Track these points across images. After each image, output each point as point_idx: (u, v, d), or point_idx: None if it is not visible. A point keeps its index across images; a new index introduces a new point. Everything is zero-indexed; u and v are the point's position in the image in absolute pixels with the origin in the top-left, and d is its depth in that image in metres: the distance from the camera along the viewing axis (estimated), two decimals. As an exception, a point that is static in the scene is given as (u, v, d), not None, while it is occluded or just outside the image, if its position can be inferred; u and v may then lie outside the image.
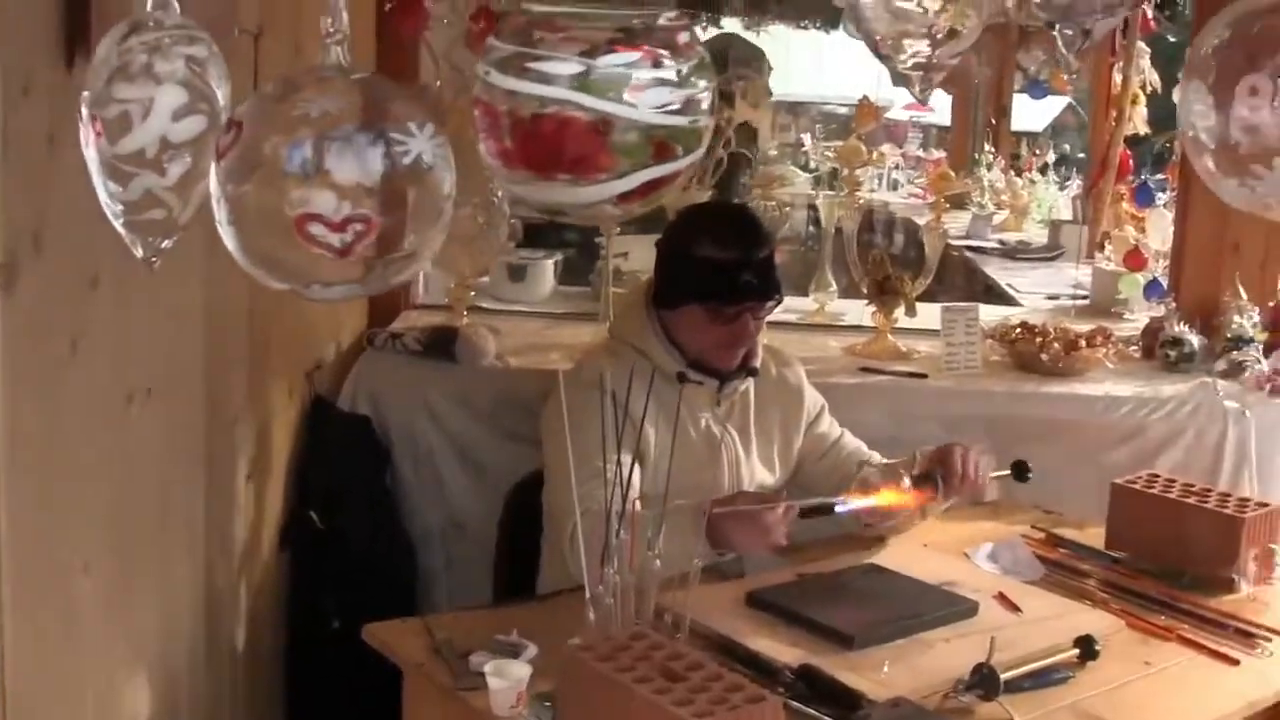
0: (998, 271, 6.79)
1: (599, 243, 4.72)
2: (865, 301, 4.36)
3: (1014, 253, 7.41)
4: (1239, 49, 2.35)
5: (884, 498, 2.94)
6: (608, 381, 2.54)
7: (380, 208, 1.90)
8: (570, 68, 2.16)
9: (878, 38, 2.32)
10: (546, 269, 4.80)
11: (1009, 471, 3.18)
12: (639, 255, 4.52)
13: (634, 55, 2.17)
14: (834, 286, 4.72)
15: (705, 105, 2.28)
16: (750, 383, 3.24)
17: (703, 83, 2.26)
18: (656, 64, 2.19)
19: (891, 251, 4.45)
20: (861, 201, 4.46)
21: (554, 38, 2.19)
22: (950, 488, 3.04)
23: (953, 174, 4.71)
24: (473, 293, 4.36)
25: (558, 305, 4.72)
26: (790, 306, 4.78)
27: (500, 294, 4.67)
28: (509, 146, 2.26)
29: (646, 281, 3.27)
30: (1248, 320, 4.25)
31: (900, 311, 4.20)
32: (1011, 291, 6.03)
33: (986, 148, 9.59)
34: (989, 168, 9.12)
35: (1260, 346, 4.21)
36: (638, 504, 2.45)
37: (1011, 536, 3.20)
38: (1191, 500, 3.08)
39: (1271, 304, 4.41)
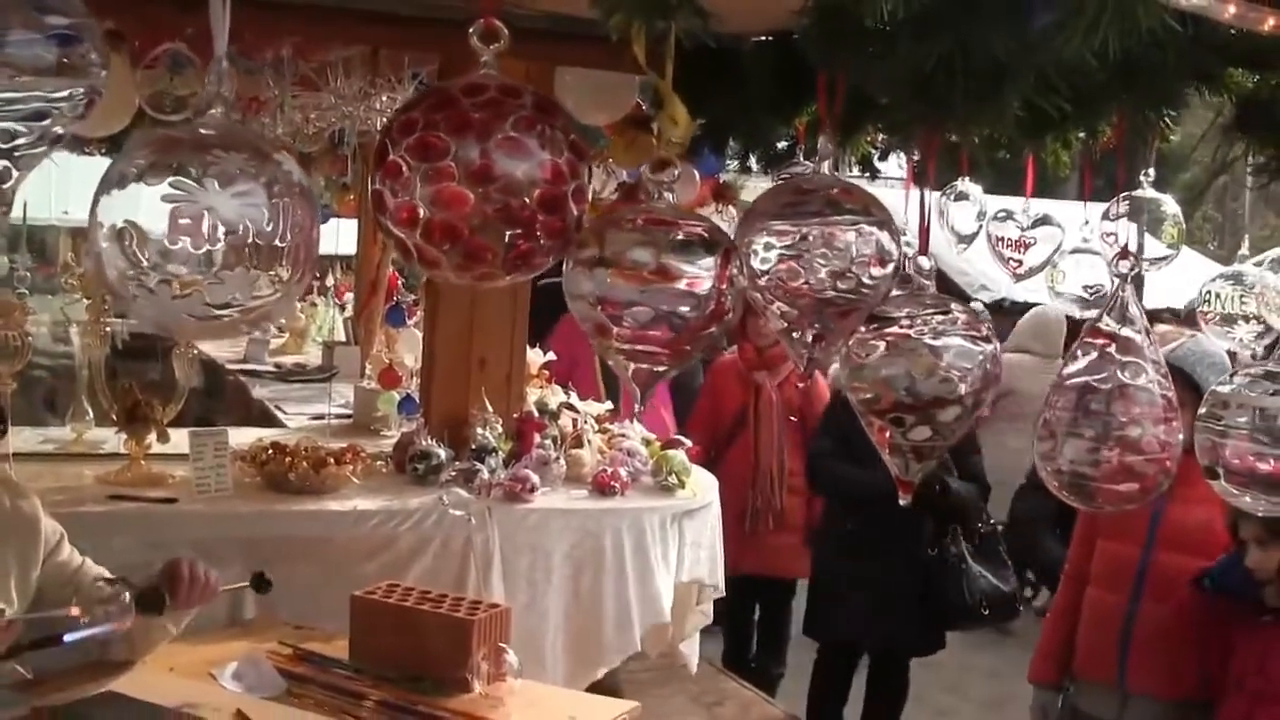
0: (272, 394, 6.85)
1: None
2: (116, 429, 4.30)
3: (289, 375, 7.51)
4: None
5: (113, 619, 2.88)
6: None
7: None
8: None
9: None
10: None
11: (248, 584, 3.24)
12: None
13: None
14: (90, 415, 4.62)
15: None
16: (-18, 518, 3.12)
17: None
18: None
19: (149, 378, 4.38)
20: (109, 329, 4.40)
21: None
22: (178, 598, 3.03)
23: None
24: None
25: None
26: (49, 436, 4.72)
27: None
28: None
29: None
30: (492, 432, 4.51)
31: (153, 438, 4.16)
32: (279, 413, 6.11)
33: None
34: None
35: (502, 455, 4.47)
36: None
37: (255, 653, 3.24)
38: (426, 607, 3.25)
39: (515, 415, 4.71)
